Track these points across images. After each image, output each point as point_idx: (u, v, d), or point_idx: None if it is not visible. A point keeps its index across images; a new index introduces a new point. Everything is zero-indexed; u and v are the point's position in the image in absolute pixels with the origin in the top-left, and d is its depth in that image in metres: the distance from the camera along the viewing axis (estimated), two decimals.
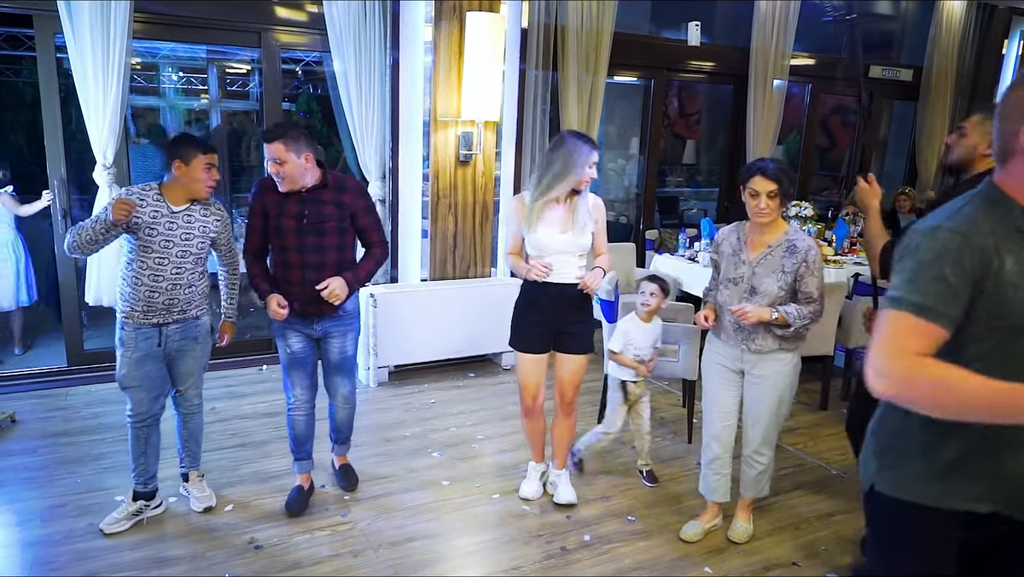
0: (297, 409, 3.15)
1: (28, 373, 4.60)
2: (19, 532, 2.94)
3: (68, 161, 4.49)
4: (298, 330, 3.03)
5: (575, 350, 3.08)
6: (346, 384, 3.20)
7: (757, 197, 2.65)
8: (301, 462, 3.24)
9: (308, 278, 2.91)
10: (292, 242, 2.89)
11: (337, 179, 2.95)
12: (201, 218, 2.89)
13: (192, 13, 4.56)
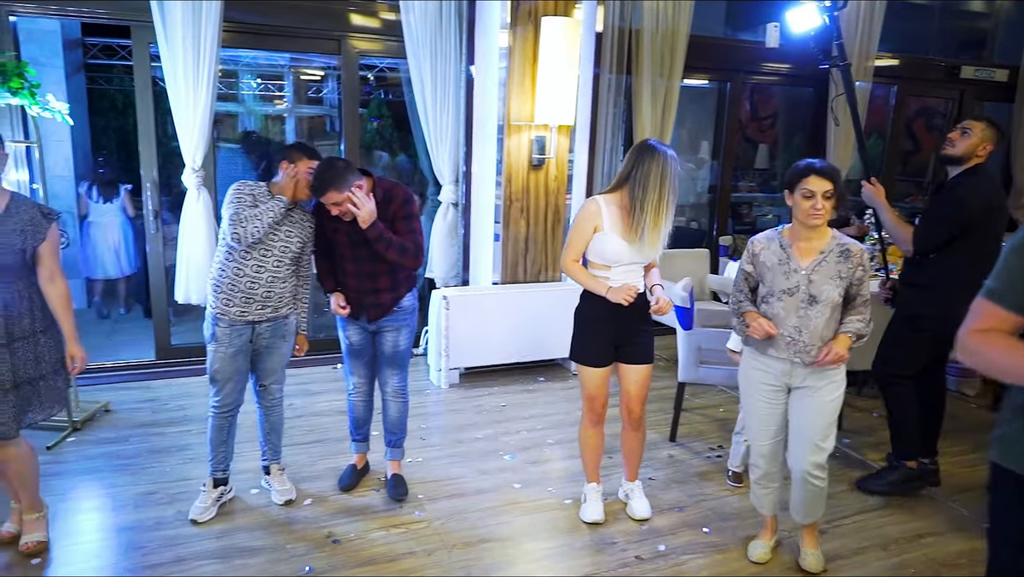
0: (355, 394, 3.32)
1: (119, 365, 4.84)
2: (114, 516, 3.09)
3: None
4: (356, 323, 3.16)
5: (640, 360, 3.00)
6: (396, 377, 3.26)
7: (812, 198, 2.53)
8: (357, 443, 3.42)
9: (363, 287, 3.05)
10: (347, 253, 3.04)
11: (386, 189, 2.99)
12: (301, 221, 3.03)
13: (277, 22, 4.72)
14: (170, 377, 4.73)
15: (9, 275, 2.53)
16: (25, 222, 2.55)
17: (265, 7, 4.64)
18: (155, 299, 4.86)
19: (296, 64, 9.04)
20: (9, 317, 2.54)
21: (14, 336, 2.56)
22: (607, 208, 2.85)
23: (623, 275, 2.89)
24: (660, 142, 2.84)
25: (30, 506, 2.82)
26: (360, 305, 3.09)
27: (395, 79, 8.55)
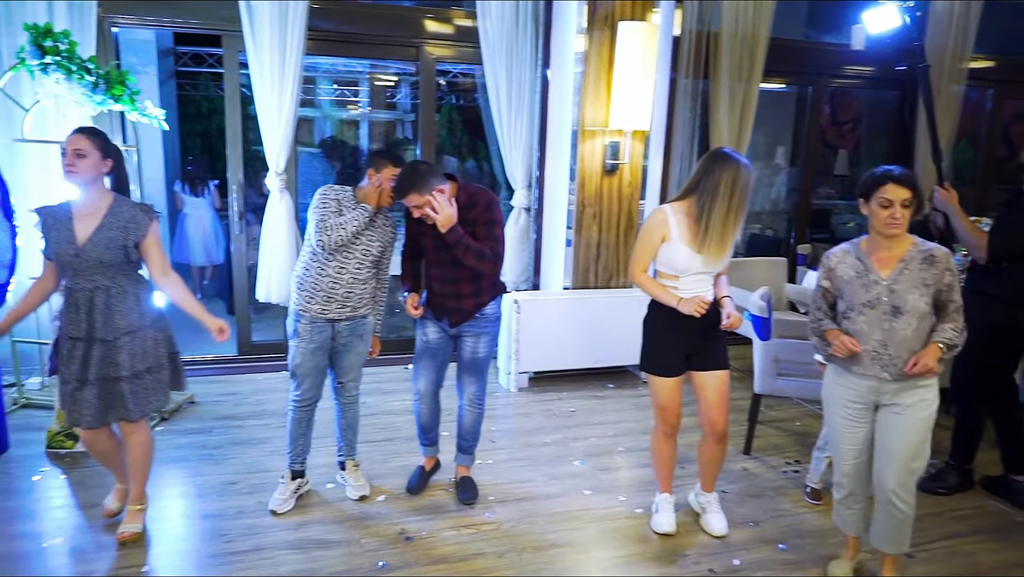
0: (421, 401, 3.30)
1: (203, 360, 5.05)
2: (199, 504, 3.23)
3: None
4: (436, 324, 3.18)
5: (715, 366, 2.93)
6: (474, 384, 3.26)
7: (890, 207, 2.42)
8: (426, 447, 3.45)
9: (445, 291, 3.08)
10: (431, 257, 3.08)
11: (470, 194, 3.00)
12: (383, 226, 3.11)
13: (358, 30, 4.86)
14: (250, 372, 4.91)
15: (113, 271, 2.67)
16: (127, 220, 2.68)
17: (347, 16, 4.78)
18: (238, 297, 5.06)
19: (371, 70, 9.27)
20: (113, 312, 2.68)
21: (120, 330, 2.69)
22: (675, 217, 2.79)
23: (692, 285, 2.83)
24: (734, 151, 2.77)
25: (137, 497, 2.96)
26: (442, 309, 3.11)
27: (467, 84, 8.67)
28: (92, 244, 2.61)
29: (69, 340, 2.67)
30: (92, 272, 2.63)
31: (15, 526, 3.00)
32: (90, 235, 2.62)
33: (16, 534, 2.94)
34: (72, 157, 2.61)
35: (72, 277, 2.65)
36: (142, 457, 2.90)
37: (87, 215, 2.65)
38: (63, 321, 2.70)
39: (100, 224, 2.64)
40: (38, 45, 3.54)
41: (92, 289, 2.64)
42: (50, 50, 3.53)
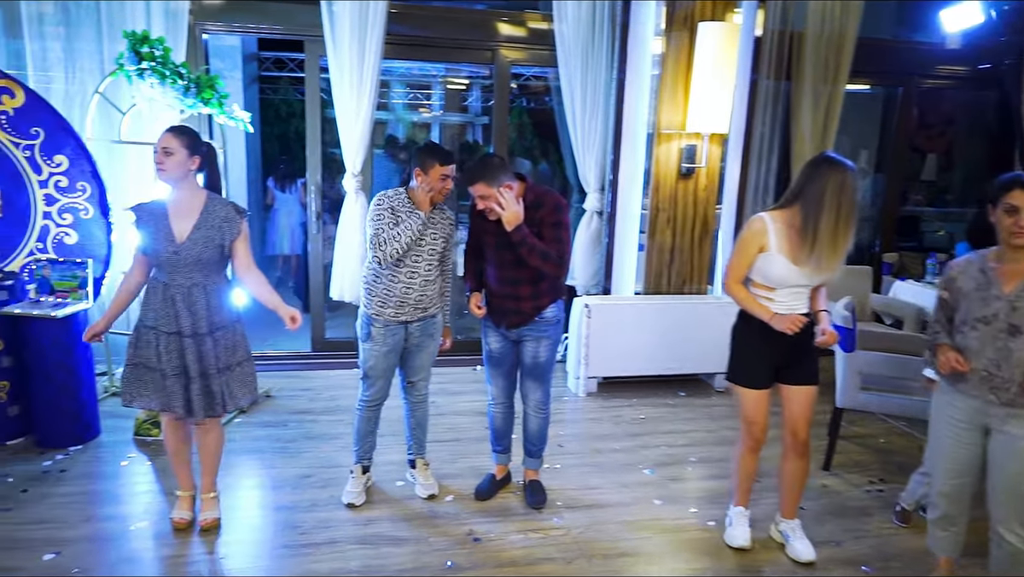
0: (495, 405, 3.31)
1: (279, 355, 5.20)
2: (274, 495, 3.31)
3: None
4: (498, 330, 3.16)
5: (804, 380, 2.80)
6: (537, 391, 3.21)
7: (1015, 214, 2.25)
8: (498, 454, 3.42)
9: (504, 292, 3.04)
10: (492, 256, 3.04)
11: (538, 195, 2.97)
12: (442, 221, 3.10)
13: (434, 34, 4.91)
14: (323, 369, 5.02)
15: (208, 269, 2.76)
16: (222, 219, 2.77)
17: (424, 20, 4.84)
18: (313, 295, 5.19)
19: (444, 74, 9.39)
20: (209, 308, 2.77)
21: (215, 325, 2.78)
22: (774, 226, 2.66)
23: (788, 298, 2.70)
24: (840, 155, 2.60)
25: (210, 486, 3.06)
26: (501, 311, 3.08)
27: (538, 87, 8.67)
28: (191, 242, 2.70)
29: (164, 335, 2.73)
30: (190, 269, 2.72)
31: (104, 508, 3.15)
32: (188, 233, 2.70)
33: (105, 516, 3.09)
34: (161, 155, 2.69)
35: (169, 274, 2.73)
36: (216, 450, 3.02)
37: (183, 213, 2.73)
38: (148, 313, 2.77)
39: (197, 222, 2.72)
40: (135, 51, 3.72)
41: (189, 286, 2.73)
42: (146, 56, 3.70)
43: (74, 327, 3.64)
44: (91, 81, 4.31)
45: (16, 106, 3.78)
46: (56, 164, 3.89)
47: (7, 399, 3.66)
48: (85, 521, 3.04)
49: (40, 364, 3.60)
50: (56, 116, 3.84)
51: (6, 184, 3.86)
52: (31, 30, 4.31)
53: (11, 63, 4.27)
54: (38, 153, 3.84)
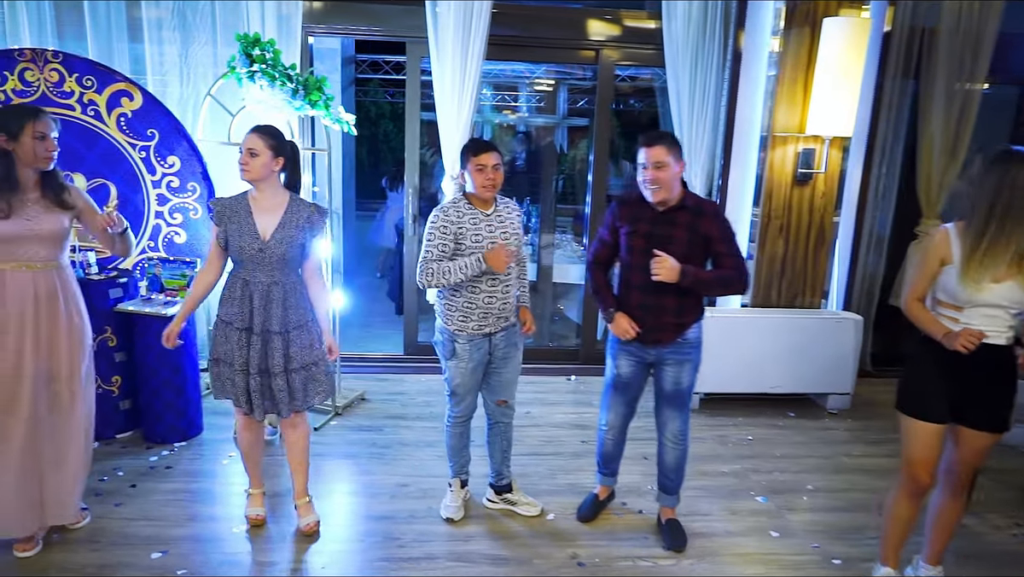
0: (609, 431, 3.10)
1: (372, 357, 5.19)
2: (372, 504, 3.25)
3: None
4: (632, 352, 2.92)
5: (989, 426, 2.42)
6: (676, 420, 2.97)
7: None
8: (604, 476, 3.23)
9: (647, 303, 2.81)
10: (637, 262, 2.79)
11: (696, 201, 2.79)
12: (508, 216, 2.93)
13: (536, 34, 4.79)
14: (416, 373, 4.98)
15: (289, 267, 2.74)
16: (305, 219, 2.74)
17: (525, 20, 4.73)
18: (407, 298, 5.16)
19: (532, 76, 9.29)
20: (288, 307, 2.74)
21: (292, 324, 2.76)
22: (958, 239, 2.36)
23: (979, 320, 2.34)
24: (1018, 147, 2.28)
25: (303, 489, 3.03)
26: (639, 324, 2.83)
27: (625, 88, 8.44)
28: (276, 240, 2.68)
29: (236, 330, 2.73)
30: (272, 267, 2.70)
31: (207, 507, 3.17)
32: (273, 231, 2.69)
33: (208, 516, 3.10)
34: (246, 156, 2.68)
35: (252, 271, 2.71)
36: (304, 449, 2.98)
37: (266, 211, 2.72)
38: (224, 307, 2.76)
39: (281, 221, 2.70)
40: (247, 54, 3.75)
41: (269, 284, 2.71)
42: (257, 58, 3.73)
43: None
44: (204, 84, 4.40)
45: (134, 108, 3.88)
46: (169, 165, 3.97)
47: (119, 393, 3.75)
48: (189, 520, 3.06)
49: (149, 360, 3.68)
50: (171, 118, 3.92)
51: (123, 184, 3.97)
52: (151, 35, 4.44)
53: (133, 68, 4.41)
54: (153, 154, 3.94)
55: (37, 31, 4.31)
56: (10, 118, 2.54)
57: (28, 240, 2.58)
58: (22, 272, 2.60)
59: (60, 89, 3.81)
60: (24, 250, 2.59)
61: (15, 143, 2.53)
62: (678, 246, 2.73)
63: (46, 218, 2.62)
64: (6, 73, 3.78)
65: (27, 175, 2.60)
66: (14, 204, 2.55)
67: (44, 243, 2.62)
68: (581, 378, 4.95)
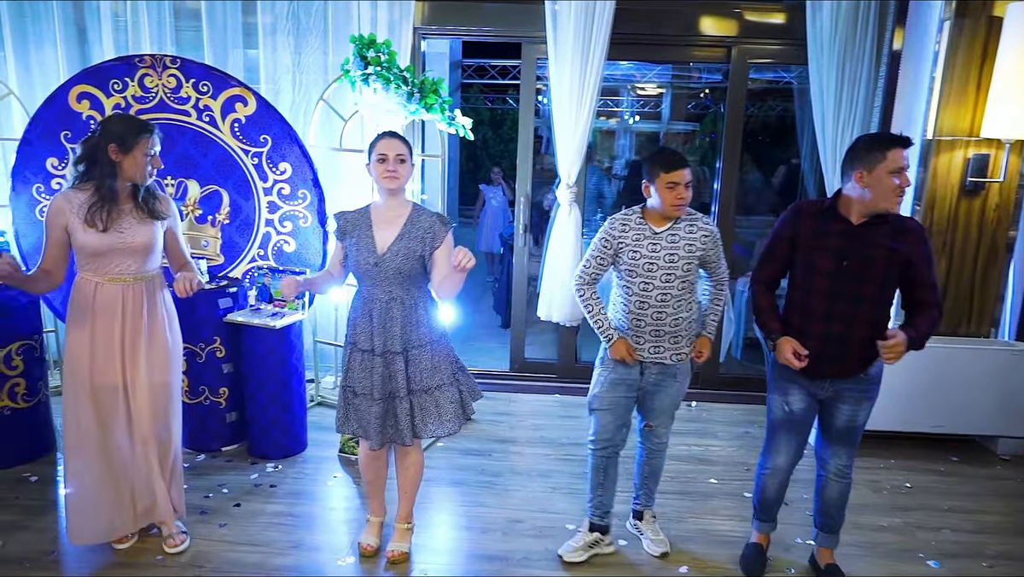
0: (771, 475, 2.71)
1: (476, 372, 4.94)
2: (483, 540, 2.98)
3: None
4: (804, 387, 2.53)
5: None
6: (843, 454, 2.61)
7: None
8: (763, 523, 2.84)
9: (832, 332, 2.40)
10: (822, 285, 2.40)
11: (897, 216, 2.38)
12: (687, 236, 2.62)
13: (662, 32, 4.43)
14: (523, 392, 4.71)
15: (408, 282, 2.53)
16: (425, 230, 2.53)
17: (650, 16, 4.37)
18: (515, 310, 4.89)
19: (631, 80, 8.92)
20: (408, 324, 2.53)
21: (412, 343, 2.54)
22: None
23: None
24: None
25: (406, 516, 2.84)
26: (818, 356, 2.42)
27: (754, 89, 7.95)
28: (392, 254, 2.49)
29: (359, 352, 2.57)
30: (389, 282, 2.51)
31: (312, 535, 2.99)
32: (390, 244, 2.50)
33: (312, 544, 2.91)
34: (395, 163, 2.50)
35: (369, 287, 2.54)
36: (415, 477, 2.80)
37: (386, 223, 2.55)
38: (350, 327, 2.62)
39: (400, 233, 2.52)
40: (361, 56, 3.60)
41: (387, 300, 2.51)
42: (372, 60, 3.56)
43: (289, 337, 3.56)
44: (315, 91, 4.30)
45: (248, 114, 3.79)
46: (280, 172, 3.87)
47: (225, 405, 3.66)
48: (294, 548, 2.88)
49: (256, 373, 3.56)
50: (284, 123, 3.81)
51: (235, 191, 3.90)
52: (265, 40, 4.38)
53: (247, 76, 4.36)
54: (265, 160, 3.84)
55: (157, 38, 4.33)
56: (127, 131, 2.45)
57: (120, 253, 2.51)
58: (113, 285, 2.54)
59: (177, 95, 3.77)
60: (116, 263, 2.52)
61: (124, 156, 2.45)
62: (875, 268, 2.34)
63: (139, 230, 2.54)
64: (127, 79, 3.77)
65: (123, 187, 2.52)
66: (112, 216, 2.48)
67: (135, 255, 2.55)
68: (702, 405, 4.53)
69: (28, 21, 4.36)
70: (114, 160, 2.44)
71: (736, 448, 3.94)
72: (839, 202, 2.40)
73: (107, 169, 2.45)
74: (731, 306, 4.90)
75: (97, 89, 3.78)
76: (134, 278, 2.57)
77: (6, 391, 3.35)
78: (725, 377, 4.79)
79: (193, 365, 3.55)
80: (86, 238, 2.45)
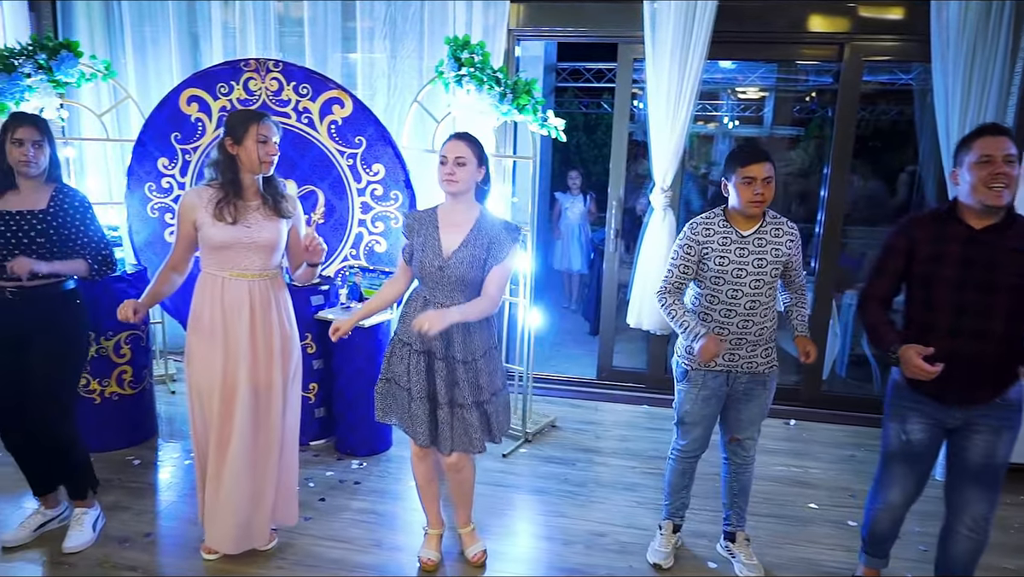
0: (886, 511, 2.47)
1: (562, 379, 4.86)
2: (565, 553, 2.89)
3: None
4: (927, 413, 2.28)
5: None
6: (982, 501, 2.27)
7: None
8: (872, 558, 2.61)
9: (959, 351, 2.15)
10: (944, 298, 2.18)
11: (1022, 219, 2.15)
12: (775, 239, 2.48)
13: (768, 29, 4.21)
14: (610, 401, 4.58)
15: (472, 290, 2.47)
16: (491, 238, 2.47)
17: (756, 13, 4.16)
18: (604, 317, 4.78)
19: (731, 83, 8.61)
20: (471, 331, 2.47)
21: (477, 352, 2.49)
22: None
23: None
24: None
25: (466, 520, 2.80)
26: (944, 378, 2.11)
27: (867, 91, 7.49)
28: (457, 259, 2.43)
29: (414, 352, 2.49)
30: (452, 288, 2.45)
31: (392, 535, 2.99)
32: (455, 249, 2.44)
33: (393, 544, 2.91)
34: (452, 166, 2.43)
35: (431, 289, 2.49)
36: (467, 488, 2.74)
37: (453, 226, 2.49)
38: (403, 326, 2.53)
39: (465, 239, 2.45)
40: (456, 57, 3.59)
41: (449, 306, 2.45)
42: (466, 61, 3.55)
43: (377, 336, 3.59)
44: (408, 94, 4.34)
45: (344, 116, 3.86)
46: (374, 173, 3.91)
47: (314, 401, 3.73)
48: (375, 546, 2.89)
49: (344, 370, 3.61)
50: (378, 125, 3.86)
51: (330, 191, 3.98)
52: (363, 44, 4.46)
53: (345, 79, 4.44)
54: (359, 162, 3.90)
55: (262, 44, 4.48)
56: (237, 122, 2.49)
57: (244, 248, 2.51)
58: (239, 280, 2.54)
59: (278, 97, 3.89)
60: (240, 258, 2.52)
61: (239, 147, 2.47)
62: (1004, 275, 2.11)
63: (266, 226, 2.54)
64: (233, 83, 3.91)
65: (249, 181, 2.54)
66: (239, 210, 2.50)
67: (260, 252, 2.54)
68: (801, 423, 4.27)
69: (147, 31, 4.62)
70: (232, 153, 2.48)
71: (839, 472, 3.68)
72: (957, 207, 2.19)
73: (228, 163, 2.49)
74: (836, 320, 4.60)
75: (205, 92, 3.95)
76: (258, 275, 2.56)
77: (114, 378, 3.54)
78: (827, 395, 4.49)
79: None
80: (214, 231, 2.47)
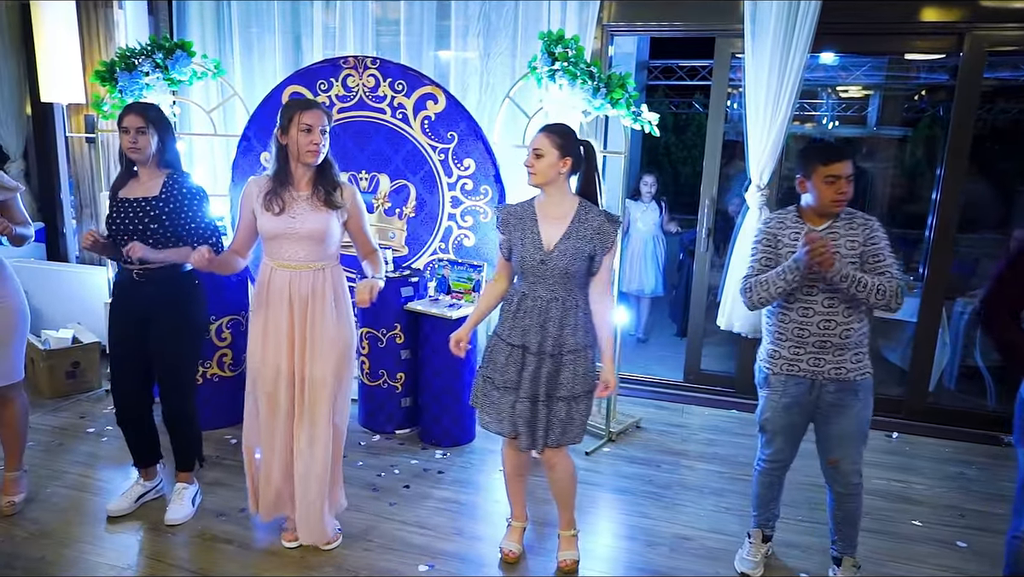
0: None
1: (648, 380, 4.76)
2: (648, 555, 2.82)
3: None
4: None
5: None
6: None
7: None
8: None
9: None
10: None
11: None
12: (848, 232, 2.38)
13: (877, 20, 3.99)
14: (697, 404, 4.46)
15: (572, 283, 2.44)
16: (594, 229, 2.42)
17: (865, 3, 3.95)
18: (693, 318, 4.65)
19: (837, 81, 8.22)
20: (565, 326, 2.43)
21: (567, 347, 2.44)
22: None
23: None
24: None
25: (569, 522, 2.73)
26: None
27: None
28: (559, 252, 2.40)
29: (509, 347, 2.48)
30: (554, 282, 2.42)
31: (474, 524, 3.00)
32: (557, 242, 2.41)
33: (474, 534, 2.93)
34: (531, 157, 2.43)
35: (531, 284, 2.46)
36: (569, 484, 2.65)
37: (552, 219, 2.45)
38: (501, 321, 2.53)
39: (567, 231, 2.42)
40: (549, 52, 3.58)
41: (549, 300, 2.43)
42: (560, 55, 3.54)
43: None
44: (500, 91, 4.35)
45: (438, 111, 3.92)
46: (465, 168, 3.95)
47: (401, 390, 3.79)
48: (457, 535, 2.91)
49: (431, 361, 3.66)
50: (470, 120, 3.90)
51: (421, 185, 4.04)
52: (456, 42, 4.52)
53: (438, 77, 4.51)
54: (451, 157, 3.95)
55: (360, 44, 4.61)
56: (284, 112, 2.52)
57: (288, 238, 2.52)
58: (282, 271, 2.55)
59: (375, 93, 3.99)
60: (285, 248, 2.53)
61: (287, 137, 2.49)
62: None
63: (310, 217, 2.52)
64: (332, 79, 4.05)
65: (300, 171, 2.55)
66: (287, 200, 2.52)
67: (303, 242, 2.53)
68: (905, 436, 4.02)
69: (254, 31, 4.84)
70: (282, 143, 2.52)
71: (946, 489, 3.44)
72: None
73: (280, 154, 2.53)
74: (946, 329, 4.31)
75: (306, 89, 4.10)
76: (302, 265, 2.55)
77: (216, 360, 3.72)
78: (934, 408, 4.21)
79: (374, 349, 3.72)
80: (263, 221, 2.53)
